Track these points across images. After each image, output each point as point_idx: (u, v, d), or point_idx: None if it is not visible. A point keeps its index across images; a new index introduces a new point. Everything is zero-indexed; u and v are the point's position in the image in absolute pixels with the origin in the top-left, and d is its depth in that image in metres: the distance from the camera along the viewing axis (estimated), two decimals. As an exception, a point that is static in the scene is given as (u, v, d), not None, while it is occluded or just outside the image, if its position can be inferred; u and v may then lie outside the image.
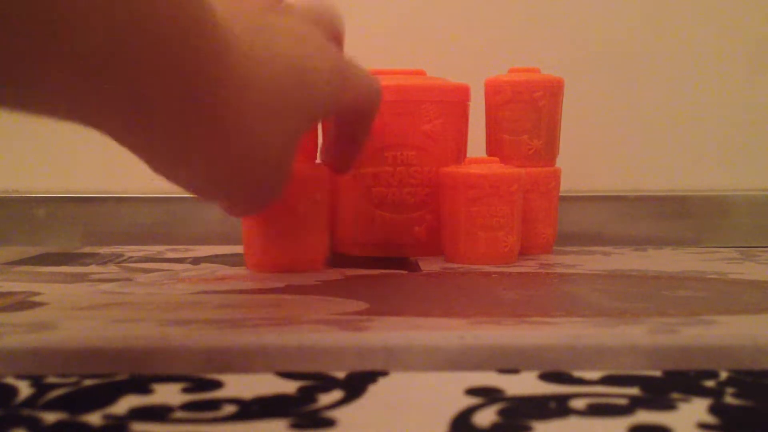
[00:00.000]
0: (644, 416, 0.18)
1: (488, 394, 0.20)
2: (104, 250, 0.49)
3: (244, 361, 0.22)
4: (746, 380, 0.21)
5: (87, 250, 0.49)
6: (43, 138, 0.57)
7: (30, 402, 0.19)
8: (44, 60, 0.18)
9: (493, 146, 0.46)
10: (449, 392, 0.20)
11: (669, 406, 0.19)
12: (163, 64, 0.21)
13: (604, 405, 0.19)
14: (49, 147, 0.57)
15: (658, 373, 0.22)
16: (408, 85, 0.44)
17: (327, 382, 0.21)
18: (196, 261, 0.43)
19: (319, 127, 0.47)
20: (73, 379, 0.21)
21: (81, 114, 0.22)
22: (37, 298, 0.31)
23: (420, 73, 0.46)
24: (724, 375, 0.22)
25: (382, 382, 0.21)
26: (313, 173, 0.39)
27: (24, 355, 0.22)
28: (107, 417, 0.18)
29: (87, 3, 0.18)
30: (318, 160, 0.40)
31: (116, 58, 0.20)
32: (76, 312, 0.28)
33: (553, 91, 0.46)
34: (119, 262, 0.43)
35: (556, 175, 0.46)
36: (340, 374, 0.22)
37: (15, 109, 0.20)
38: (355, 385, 0.21)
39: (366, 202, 0.44)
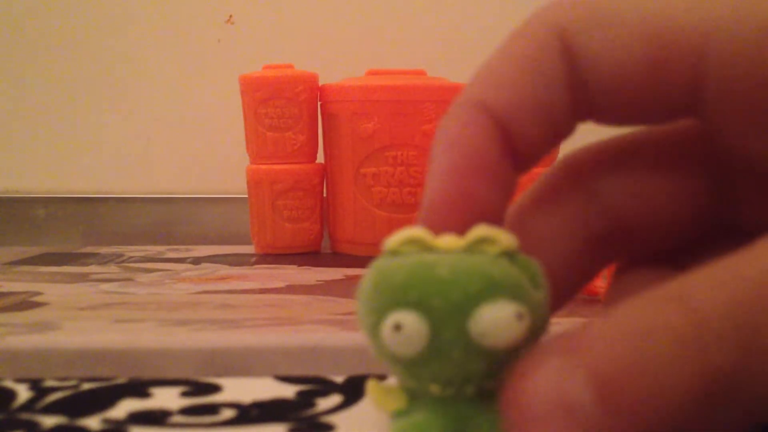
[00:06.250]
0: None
1: (487, 399, 0.20)
2: (104, 250, 0.49)
3: (245, 362, 0.22)
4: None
5: (87, 250, 0.49)
6: (43, 138, 0.58)
7: (29, 405, 0.19)
8: None
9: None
10: (448, 396, 0.20)
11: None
12: None
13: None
14: (49, 147, 0.57)
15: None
16: (408, 85, 0.44)
17: (326, 387, 0.21)
18: (196, 261, 0.43)
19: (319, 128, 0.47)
20: (72, 383, 0.21)
21: None
22: (37, 298, 0.31)
23: (420, 73, 0.46)
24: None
25: (380, 385, 0.21)
26: None
27: (25, 357, 0.22)
28: (106, 421, 0.18)
29: None
30: None
31: None
32: (76, 312, 0.28)
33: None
34: (120, 262, 0.43)
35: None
36: (339, 378, 0.22)
37: None
38: (354, 389, 0.21)
39: (366, 202, 0.44)
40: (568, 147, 0.20)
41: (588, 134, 0.20)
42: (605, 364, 0.14)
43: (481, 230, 0.16)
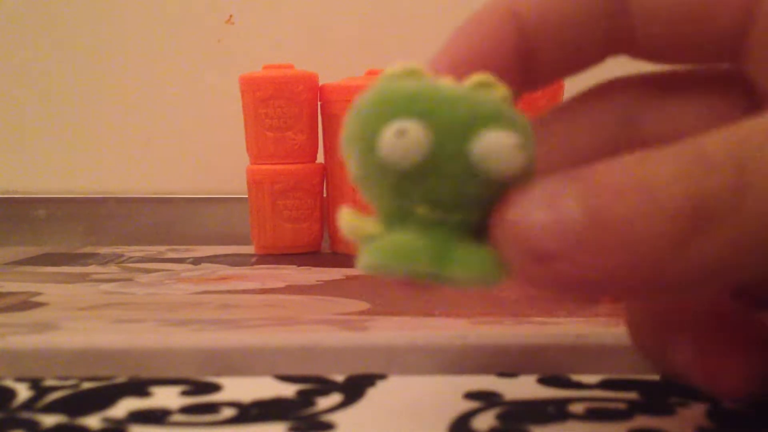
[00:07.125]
0: (643, 421, 0.18)
1: (487, 398, 0.20)
2: (104, 250, 0.49)
3: (245, 362, 0.22)
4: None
5: (87, 250, 0.49)
6: (43, 138, 0.57)
7: (29, 405, 0.19)
8: None
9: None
10: (448, 396, 0.20)
11: (668, 411, 0.19)
12: None
13: (603, 409, 0.19)
14: (50, 147, 0.57)
15: (656, 378, 0.22)
16: (408, 85, 0.44)
17: (326, 386, 0.21)
18: (196, 261, 0.43)
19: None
20: (72, 382, 0.21)
21: None
22: (37, 299, 0.31)
23: (420, 73, 0.46)
24: (723, 379, 0.22)
25: (381, 385, 0.21)
26: None
27: (25, 357, 0.22)
28: (106, 420, 0.18)
29: None
30: None
31: None
32: (77, 312, 0.28)
33: (553, 88, 0.46)
34: (120, 262, 0.43)
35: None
36: (339, 377, 0.22)
37: None
38: (354, 388, 0.21)
39: (366, 202, 0.44)
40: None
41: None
42: (599, 182, 0.14)
43: (481, 75, 0.15)
